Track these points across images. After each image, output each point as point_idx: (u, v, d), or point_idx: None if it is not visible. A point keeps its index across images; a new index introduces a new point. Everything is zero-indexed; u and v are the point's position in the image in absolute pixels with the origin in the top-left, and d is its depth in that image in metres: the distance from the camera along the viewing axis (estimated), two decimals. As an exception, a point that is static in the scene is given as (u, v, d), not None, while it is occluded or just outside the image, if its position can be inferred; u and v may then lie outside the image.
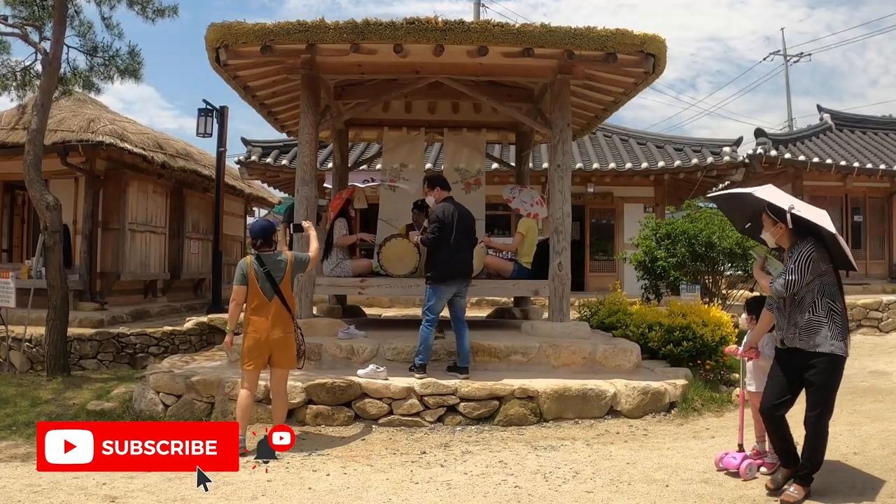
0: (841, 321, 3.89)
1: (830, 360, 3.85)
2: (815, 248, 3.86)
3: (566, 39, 6.37)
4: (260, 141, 15.21)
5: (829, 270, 3.91)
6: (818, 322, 3.86)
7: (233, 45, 6.42)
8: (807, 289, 3.88)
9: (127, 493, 4.10)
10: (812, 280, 3.86)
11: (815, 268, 3.85)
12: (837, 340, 3.85)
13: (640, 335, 7.41)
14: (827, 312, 3.87)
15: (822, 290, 3.88)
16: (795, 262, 3.85)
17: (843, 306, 3.93)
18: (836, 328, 3.86)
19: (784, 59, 31.17)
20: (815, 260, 3.84)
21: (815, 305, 3.88)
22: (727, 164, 13.98)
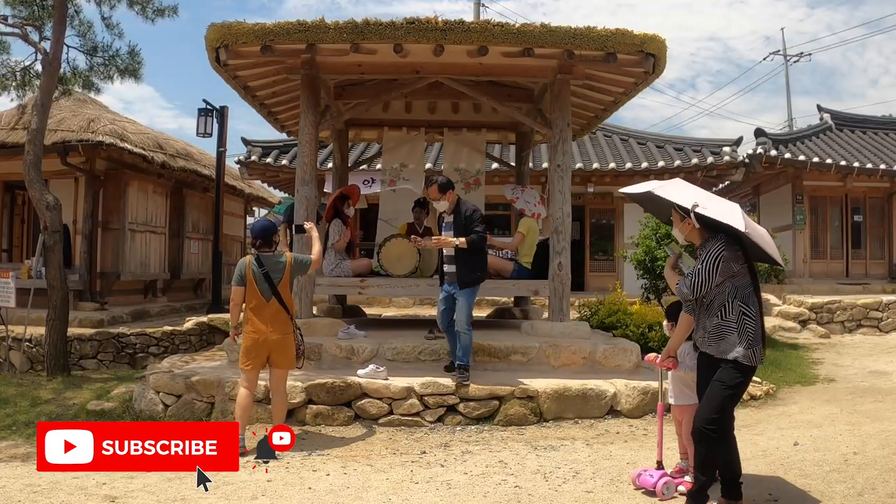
0: (753, 327, 3.57)
1: (736, 367, 3.56)
2: (725, 247, 3.55)
3: (566, 39, 6.38)
4: (260, 141, 15.21)
5: (742, 271, 3.60)
6: (727, 327, 3.57)
7: (233, 45, 6.42)
8: (716, 291, 3.59)
9: (127, 493, 4.10)
10: (722, 282, 3.56)
11: (725, 268, 3.54)
12: (745, 348, 3.54)
13: (640, 335, 7.42)
14: (738, 317, 3.56)
15: (734, 292, 3.58)
16: (703, 262, 3.56)
17: (756, 310, 3.61)
18: (747, 334, 3.55)
19: (784, 59, 31.19)
20: (725, 260, 3.53)
21: (724, 309, 3.58)
22: (727, 164, 13.98)
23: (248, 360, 4.99)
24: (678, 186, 3.84)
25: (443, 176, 6.27)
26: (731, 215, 3.53)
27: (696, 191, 3.75)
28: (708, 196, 3.67)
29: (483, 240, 5.83)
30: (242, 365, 5.02)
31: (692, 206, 3.58)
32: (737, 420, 5.86)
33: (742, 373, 3.58)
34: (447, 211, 5.97)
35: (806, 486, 4.12)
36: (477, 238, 5.76)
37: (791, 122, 29.87)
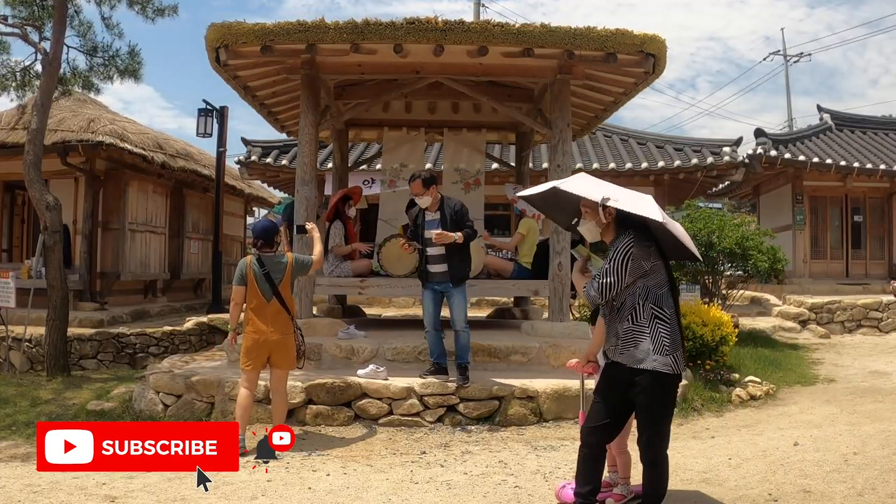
0: (669, 331, 3.23)
1: (653, 378, 3.21)
2: (635, 244, 3.24)
3: (566, 39, 6.37)
4: (260, 141, 15.21)
5: (655, 269, 3.27)
6: (639, 332, 3.23)
7: (233, 45, 6.42)
8: (627, 292, 3.26)
9: (127, 493, 4.10)
10: (633, 282, 3.24)
11: (635, 267, 3.21)
12: (661, 355, 3.19)
13: (640, 335, 7.40)
14: (650, 320, 3.23)
15: (646, 293, 3.24)
16: (611, 260, 3.24)
17: (673, 312, 3.27)
18: (663, 339, 3.21)
19: (784, 59, 31.18)
20: (635, 258, 3.21)
21: (635, 312, 3.25)
22: (727, 164, 13.98)
23: (248, 361, 4.99)
24: (584, 181, 3.49)
25: (426, 171, 6.26)
26: (646, 206, 3.18)
27: (604, 184, 3.44)
28: (616, 188, 3.35)
29: (476, 234, 5.92)
30: (243, 365, 5.02)
31: (602, 200, 3.22)
32: (737, 420, 5.94)
33: (662, 385, 3.24)
34: (430, 207, 5.85)
35: (806, 486, 4.12)
36: (472, 233, 5.81)
37: (791, 122, 29.90)
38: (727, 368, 7.17)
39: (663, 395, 3.28)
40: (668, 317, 3.25)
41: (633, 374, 3.24)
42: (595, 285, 3.29)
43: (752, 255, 9.70)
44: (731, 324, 7.59)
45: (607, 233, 3.39)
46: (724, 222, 10.10)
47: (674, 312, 3.29)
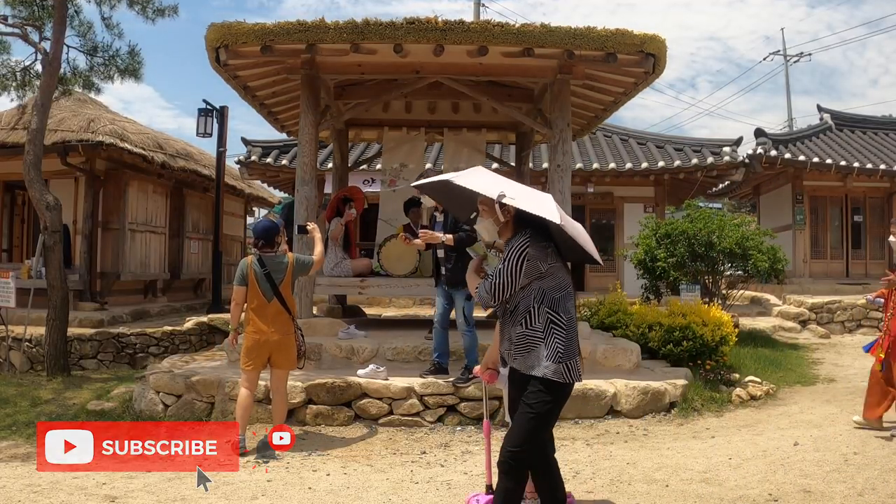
0: (565, 337, 3.05)
1: (544, 385, 3.02)
2: (531, 244, 3.04)
3: (566, 39, 6.38)
4: (260, 141, 15.22)
5: (553, 271, 3.09)
6: (533, 337, 3.05)
7: (233, 45, 6.42)
8: (521, 295, 3.07)
9: (127, 493, 4.10)
10: (528, 284, 3.05)
11: (530, 268, 3.02)
12: (554, 362, 3.00)
13: (640, 335, 7.41)
14: (545, 325, 3.04)
15: (541, 296, 3.05)
16: (506, 261, 3.05)
17: (568, 318, 3.09)
18: (557, 346, 3.03)
19: (784, 58, 31.18)
20: (530, 258, 3.02)
21: (530, 316, 3.05)
22: (727, 164, 13.99)
23: (249, 361, 4.98)
24: (480, 175, 3.28)
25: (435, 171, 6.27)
26: (544, 206, 2.98)
27: (502, 179, 3.22)
28: (514, 185, 3.16)
29: (470, 238, 5.76)
30: (243, 365, 5.02)
31: (498, 197, 3.01)
32: (737, 420, 5.94)
33: (552, 393, 3.04)
34: (438, 208, 5.88)
35: (806, 486, 4.12)
36: (465, 236, 5.72)
37: (791, 122, 29.90)
38: (727, 368, 7.17)
39: (553, 403, 3.06)
40: (564, 322, 3.07)
41: (526, 381, 3.07)
42: (487, 286, 3.09)
43: (752, 255, 9.69)
44: (731, 324, 7.59)
45: (504, 231, 3.19)
46: (724, 222, 10.09)
47: (571, 318, 3.11)
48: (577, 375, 3.09)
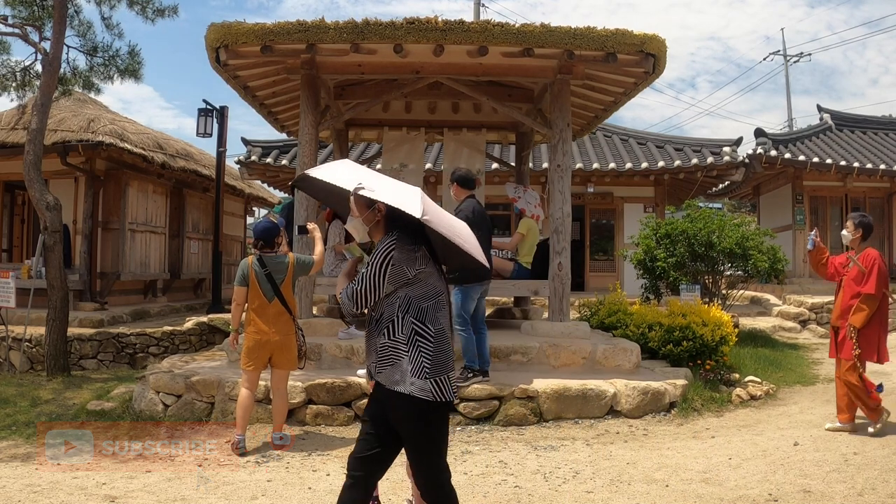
0: (432, 351, 2.76)
1: (411, 404, 2.75)
2: (396, 247, 2.77)
3: (566, 39, 6.38)
4: (260, 141, 15.22)
5: (422, 278, 2.81)
6: (396, 349, 2.78)
7: (233, 45, 6.43)
8: (386, 303, 2.81)
9: (127, 493, 4.10)
10: (393, 291, 2.79)
11: (396, 273, 2.75)
12: (420, 378, 2.73)
13: (640, 335, 7.41)
14: (410, 337, 2.77)
15: (407, 305, 2.79)
16: (369, 265, 2.78)
17: (440, 329, 2.82)
18: (423, 361, 2.75)
19: (784, 58, 31.18)
20: (395, 263, 2.75)
21: (393, 326, 2.79)
22: (727, 164, 13.99)
23: (249, 361, 4.98)
24: (341, 167, 3.02)
25: (462, 169, 6.38)
26: (407, 199, 2.69)
27: (365, 172, 2.97)
28: (380, 178, 2.90)
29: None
30: (244, 365, 5.02)
31: (355, 189, 2.78)
32: (737, 420, 5.94)
33: (421, 412, 2.77)
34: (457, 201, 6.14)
35: (806, 486, 4.12)
36: None
37: (791, 122, 29.91)
38: (727, 368, 7.17)
39: (424, 425, 2.81)
40: (431, 334, 2.78)
41: (390, 397, 2.80)
42: (349, 292, 2.81)
43: (752, 255, 9.69)
44: (731, 324, 7.59)
45: (376, 232, 2.92)
46: (724, 222, 10.10)
47: (441, 330, 2.82)
48: (448, 393, 2.80)
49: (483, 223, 5.98)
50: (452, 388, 2.84)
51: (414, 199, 2.67)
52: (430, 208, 2.70)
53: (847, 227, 5.66)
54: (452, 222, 2.88)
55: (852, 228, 5.58)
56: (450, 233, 2.77)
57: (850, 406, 5.45)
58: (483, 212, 6.08)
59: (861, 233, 5.54)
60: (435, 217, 2.71)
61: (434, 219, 2.69)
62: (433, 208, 2.76)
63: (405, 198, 2.70)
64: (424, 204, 2.67)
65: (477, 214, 5.95)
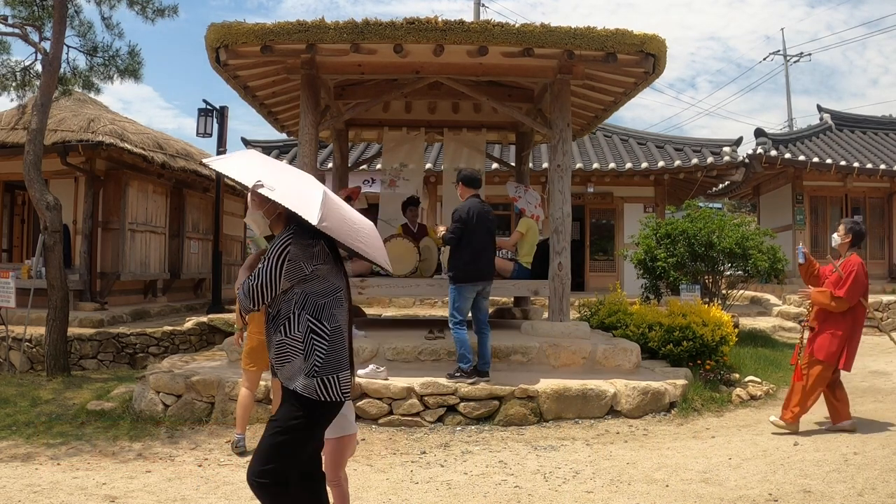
0: (326, 349, 2.71)
1: (296, 399, 2.71)
2: (294, 242, 2.70)
3: (566, 39, 6.38)
4: (260, 141, 15.25)
5: (320, 274, 2.74)
6: (292, 346, 2.72)
7: (233, 45, 6.42)
8: (283, 299, 2.74)
9: (127, 493, 4.10)
10: (290, 287, 2.71)
11: (292, 269, 2.69)
12: (308, 377, 2.67)
13: (640, 335, 7.41)
14: (305, 335, 2.70)
15: (304, 301, 2.72)
16: (265, 260, 2.72)
17: (334, 327, 2.75)
18: (315, 359, 2.69)
19: (784, 58, 31.17)
20: (292, 258, 2.68)
21: (290, 323, 2.72)
22: (727, 164, 14.00)
23: (251, 361, 4.96)
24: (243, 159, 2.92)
25: (468, 169, 6.47)
26: (305, 201, 2.61)
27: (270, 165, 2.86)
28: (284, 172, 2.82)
29: (447, 240, 6.09)
30: (246, 365, 5.00)
31: (254, 185, 2.68)
32: (737, 420, 5.95)
33: (304, 409, 2.70)
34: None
35: (806, 485, 4.12)
36: (444, 236, 6.12)
37: (791, 122, 29.89)
38: (727, 368, 7.17)
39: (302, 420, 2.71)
40: (327, 332, 2.72)
41: (286, 396, 2.76)
42: (245, 288, 2.73)
43: (752, 254, 9.69)
44: (731, 324, 7.59)
45: (277, 225, 2.86)
46: (724, 222, 10.10)
47: (337, 328, 2.76)
48: (336, 393, 2.71)
49: (481, 223, 5.97)
50: (342, 389, 2.75)
51: (313, 201, 2.58)
52: (330, 212, 2.61)
53: (839, 230, 5.68)
54: (356, 226, 2.79)
55: (843, 233, 5.61)
56: (351, 238, 2.72)
57: (837, 410, 5.48)
58: (483, 211, 6.04)
59: (850, 239, 5.56)
60: (335, 221, 2.64)
61: (333, 224, 2.62)
62: (335, 211, 2.66)
63: (304, 200, 2.59)
64: (325, 207, 2.58)
65: (471, 214, 5.95)
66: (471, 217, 5.95)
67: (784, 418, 5.42)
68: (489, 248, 6.07)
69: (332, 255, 2.82)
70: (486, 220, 6.05)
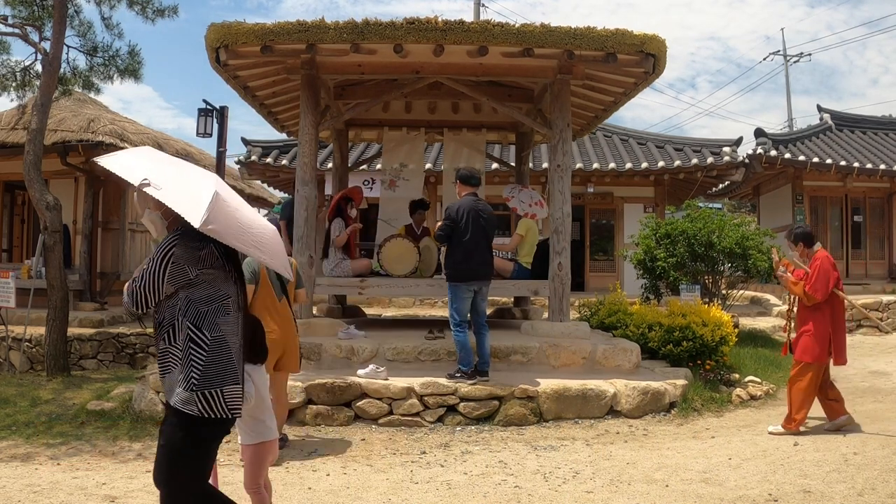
0: (204, 361, 2.52)
1: (176, 416, 2.53)
2: (179, 244, 2.56)
3: (566, 39, 6.38)
4: (260, 141, 15.22)
5: (206, 279, 2.58)
6: (173, 356, 2.56)
7: (233, 45, 6.42)
8: (167, 304, 2.59)
9: (127, 493, 4.10)
10: (175, 292, 2.56)
11: (175, 273, 2.53)
12: (187, 390, 2.50)
13: (640, 335, 7.41)
14: (185, 344, 2.53)
15: (186, 308, 2.55)
16: (150, 262, 2.57)
17: (216, 336, 2.56)
18: (192, 371, 2.51)
19: (784, 58, 31.15)
20: (176, 261, 2.53)
21: (173, 330, 2.57)
22: (727, 164, 13.99)
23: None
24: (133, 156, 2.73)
25: (466, 168, 6.52)
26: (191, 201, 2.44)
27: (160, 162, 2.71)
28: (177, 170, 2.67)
29: (437, 238, 6.23)
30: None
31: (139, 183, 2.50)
32: (737, 420, 5.95)
33: (184, 428, 2.53)
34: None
35: (806, 486, 4.12)
36: (436, 234, 6.23)
37: (791, 122, 29.87)
38: (727, 368, 7.17)
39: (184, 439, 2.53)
40: (206, 342, 2.53)
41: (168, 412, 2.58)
42: (128, 290, 2.59)
43: (752, 254, 9.69)
44: (731, 324, 7.59)
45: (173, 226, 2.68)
46: (724, 222, 10.10)
47: (219, 338, 2.56)
48: (221, 409, 2.53)
49: (474, 222, 5.90)
50: (228, 405, 2.55)
51: (199, 203, 2.40)
52: (219, 214, 2.44)
53: (791, 247, 5.69)
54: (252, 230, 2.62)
55: (791, 246, 5.65)
56: (241, 242, 2.55)
57: (833, 408, 5.48)
58: (477, 210, 5.96)
59: (801, 245, 5.56)
60: (223, 224, 2.46)
61: (220, 226, 2.44)
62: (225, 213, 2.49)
63: (190, 200, 2.43)
64: (213, 208, 2.41)
65: (462, 213, 5.91)
66: (461, 216, 5.91)
67: (787, 427, 5.39)
68: (482, 247, 5.96)
69: (224, 260, 2.65)
70: (479, 218, 5.95)
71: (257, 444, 3.05)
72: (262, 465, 3.08)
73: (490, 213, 6.17)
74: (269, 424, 3.09)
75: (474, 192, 6.16)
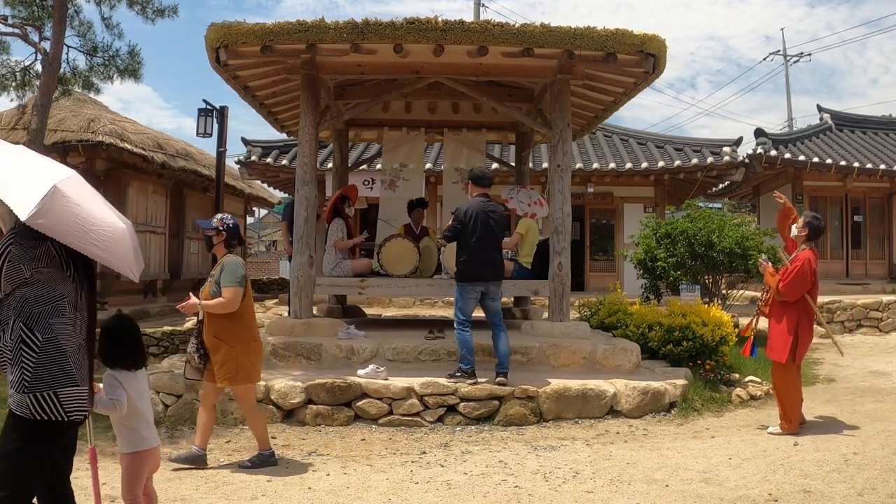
0: (35, 362, 2.45)
1: (12, 419, 2.49)
2: (15, 242, 2.49)
3: (566, 39, 6.38)
4: (260, 141, 15.23)
5: (42, 279, 2.51)
6: (8, 357, 2.51)
7: (233, 45, 6.42)
8: (5, 304, 2.53)
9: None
10: (12, 291, 2.49)
11: (11, 271, 2.48)
12: (19, 392, 2.45)
13: (640, 335, 7.41)
14: (16, 345, 2.47)
15: (21, 308, 2.48)
16: None
17: (48, 338, 2.49)
18: (24, 372, 2.44)
19: (784, 58, 31.16)
20: (13, 259, 2.48)
21: (9, 330, 2.50)
22: (727, 164, 14.00)
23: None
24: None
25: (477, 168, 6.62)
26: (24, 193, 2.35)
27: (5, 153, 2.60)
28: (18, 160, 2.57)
29: (444, 237, 6.30)
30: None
31: None
32: (737, 420, 5.95)
33: (19, 430, 2.47)
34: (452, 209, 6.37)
35: (806, 486, 4.13)
36: (444, 233, 6.27)
37: (791, 122, 29.88)
38: (727, 368, 7.17)
39: (19, 442, 2.46)
40: (37, 344, 2.46)
41: (8, 415, 2.52)
42: None
43: (752, 254, 9.70)
44: (731, 324, 7.60)
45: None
46: (724, 222, 10.10)
47: (52, 339, 2.49)
48: (57, 412, 2.46)
49: (482, 223, 5.91)
50: (65, 408, 2.48)
51: (34, 194, 2.31)
52: (53, 208, 2.34)
53: (798, 223, 5.68)
54: (94, 226, 2.51)
55: (801, 226, 5.64)
56: (78, 239, 2.45)
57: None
58: (485, 211, 5.99)
59: (807, 233, 5.57)
60: (57, 219, 2.37)
61: (53, 222, 2.35)
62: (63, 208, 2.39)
63: (23, 192, 2.33)
64: (46, 203, 2.31)
65: (470, 214, 5.94)
66: (469, 217, 5.94)
67: (785, 428, 5.39)
68: (489, 247, 5.96)
69: (64, 260, 2.56)
70: (488, 219, 5.96)
71: (132, 453, 3.01)
72: (137, 475, 3.04)
73: (500, 213, 6.19)
74: (144, 434, 3.05)
75: (486, 193, 6.18)
